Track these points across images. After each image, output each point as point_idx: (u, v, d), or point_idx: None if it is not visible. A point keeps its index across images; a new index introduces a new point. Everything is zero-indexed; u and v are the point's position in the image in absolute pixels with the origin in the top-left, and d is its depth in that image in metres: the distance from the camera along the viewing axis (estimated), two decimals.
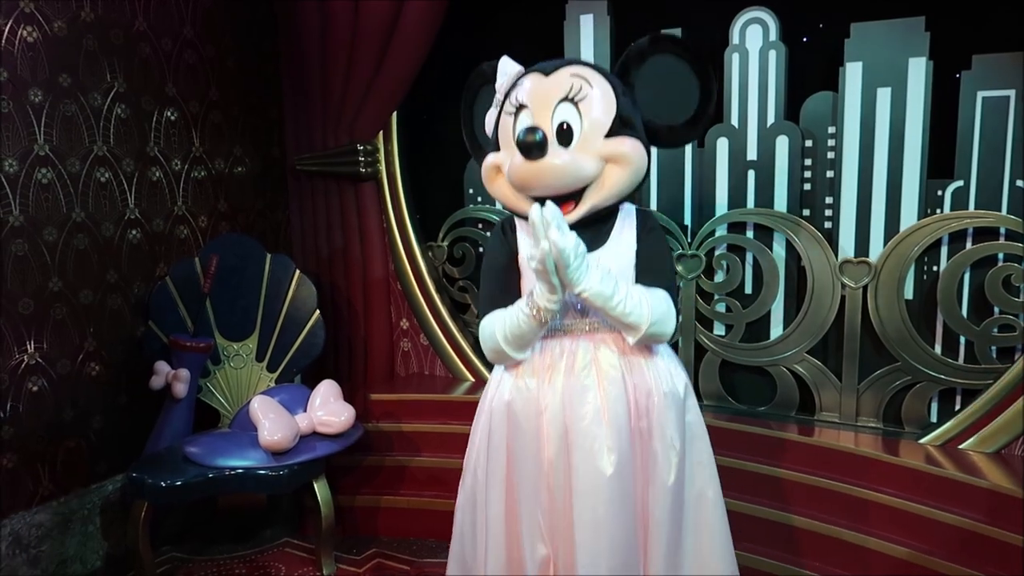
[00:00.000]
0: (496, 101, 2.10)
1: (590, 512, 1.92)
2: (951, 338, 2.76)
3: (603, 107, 1.97)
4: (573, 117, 1.96)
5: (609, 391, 1.95)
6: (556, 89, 1.96)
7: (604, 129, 1.96)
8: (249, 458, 2.75)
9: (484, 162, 2.09)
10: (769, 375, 3.03)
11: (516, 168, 1.95)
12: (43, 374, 2.83)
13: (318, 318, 3.29)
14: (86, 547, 2.97)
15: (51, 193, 2.83)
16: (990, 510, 2.38)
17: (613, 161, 1.96)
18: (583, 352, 1.99)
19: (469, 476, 2.16)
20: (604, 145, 1.95)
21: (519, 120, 2.00)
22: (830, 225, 2.88)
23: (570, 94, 1.95)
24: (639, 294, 1.93)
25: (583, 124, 1.96)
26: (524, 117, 1.99)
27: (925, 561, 2.41)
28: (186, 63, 3.31)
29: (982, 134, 2.63)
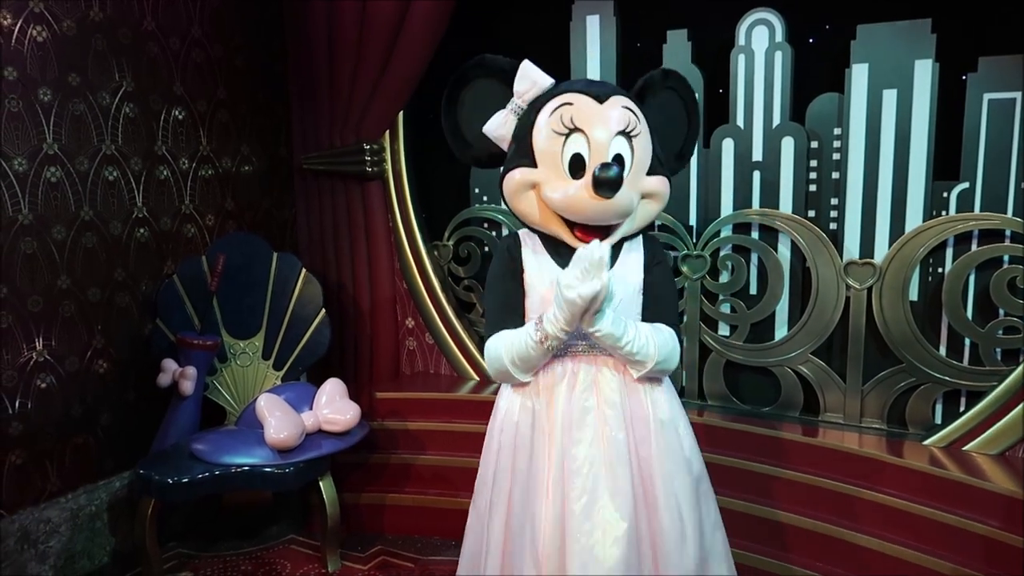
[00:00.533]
0: (515, 106, 2.04)
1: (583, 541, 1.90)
2: (956, 340, 2.76)
3: (647, 145, 2.02)
4: (627, 152, 1.98)
5: (608, 415, 1.96)
6: (614, 121, 1.96)
7: (647, 166, 2.02)
8: (255, 455, 2.76)
9: (513, 176, 2.01)
10: (773, 376, 3.04)
11: (578, 198, 1.90)
12: (51, 371, 2.85)
13: (324, 316, 3.30)
14: (94, 543, 2.99)
15: (60, 191, 2.85)
16: (994, 512, 2.38)
17: (649, 197, 2.03)
18: (584, 374, 1.99)
19: (483, 497, 2.13)
20: (645, 182, 2.02)
21: (571, 141, 1.95)
22: (835, 226, 2.89)
23: (627, 128, 1.96)
24: (646, 334, 1.95)
25: (633, 160, 1.99)
26: (578, 141, 1.95)
27: (929, 563, 2.42)
28: (194, 62, 3.32)
29: (988, 136, 2.63)
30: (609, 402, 1.96)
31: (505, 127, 2.05)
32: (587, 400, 1.97)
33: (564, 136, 1.95)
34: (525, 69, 2.05)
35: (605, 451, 1.93)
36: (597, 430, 1.95)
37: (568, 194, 1.92)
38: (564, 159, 1.96)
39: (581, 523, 1.90)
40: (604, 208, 1.90)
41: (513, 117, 2.04)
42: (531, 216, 2.03)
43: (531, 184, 1.99)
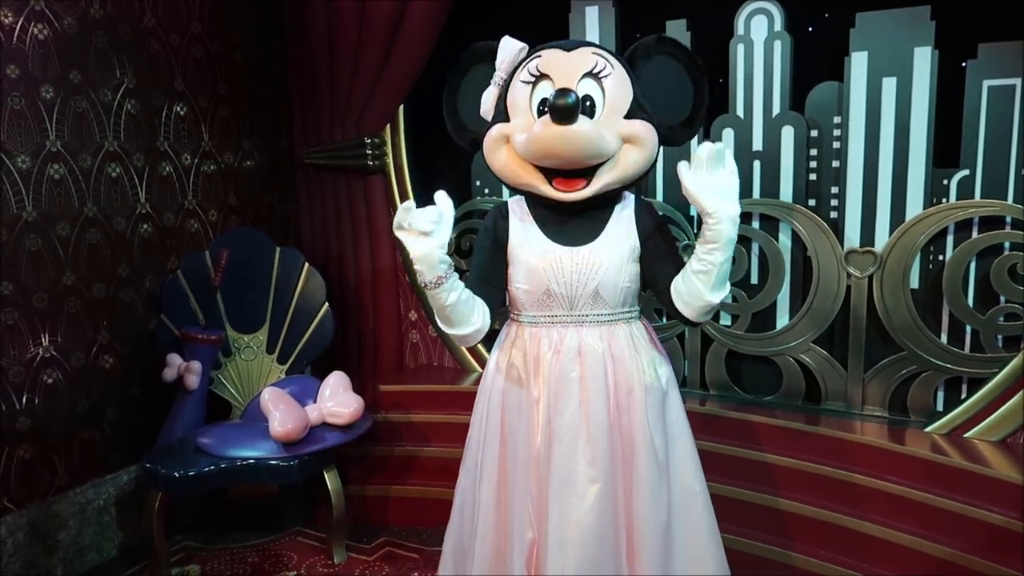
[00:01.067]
0: (496, 79, 2.07)
1: (560, 507, 1.95)
2: (957, 327, 2.76)
3: (623, 88, 1.98)
4: (596, 93, 1.96)
5: (590, 386, 1.98)
6: (580, 64, 1.96)
7: (624, 109, 1.97)
8: (260, 449, 2.79)
9: (488, 133, 2.04)
10: (775, 365, 3.05)
11: (540, 134, 1.87)
12: (58, 367, 2.88)
13: (327, 310, 3.32)
14: (102, 536, 3.02)
15: (63, 188, 2.87)
16: (996, 498, 2.38)
17: (630, 142, 1.97)
18: (569, 342, 2.01)
19: (471, 456, 2.20)
20: (623, 125, 1.96)
21: (539, 89, 1.98)
22: (836, 215, 2.89)
23: (594, 69, 1.95)
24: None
25: (605, 101, 1.97)
26: (545, 86, 1.97)
27: (931, 549, 2.43)
28: (194, 58, 3.34)
29: (988, 123, 2.62)
30: (592, 373, 1.99)
31: (491, 100, 2.08)
32: (572, 371, 1.99)
33: (531, 84, 1.98)
34: (505, 43, 2.06)
35: (586, 421, 1.97)
36: (580, 399, 1.98)
37: (532, 132, 1.90)
38: (533, 106, 1.98)
39: (559, 492, 1.96)
40: (567, 135, 1.84)
41: (495, 89, 2.07)
42: (506, 172, 2.03)
43: (504, 138, 2.00)
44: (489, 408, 2.13)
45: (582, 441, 1.97)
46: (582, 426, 1.97)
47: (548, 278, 2.00)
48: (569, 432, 1.98)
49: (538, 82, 1.98)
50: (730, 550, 2.23)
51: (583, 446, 1.96)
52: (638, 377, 2.01)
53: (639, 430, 1.99)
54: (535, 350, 2.04)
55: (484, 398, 2.17)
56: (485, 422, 2.14)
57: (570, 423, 1.98)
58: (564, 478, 1.97)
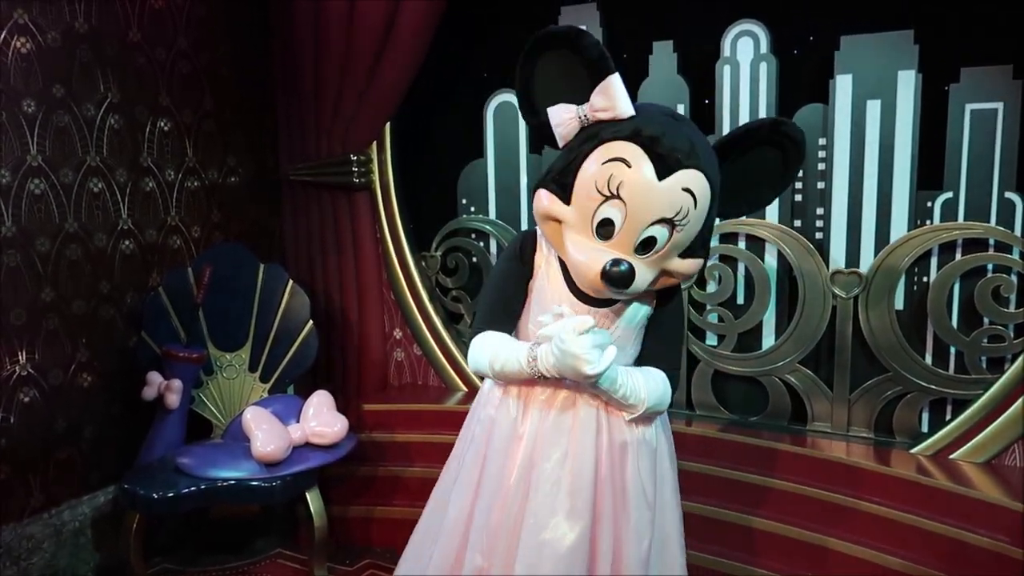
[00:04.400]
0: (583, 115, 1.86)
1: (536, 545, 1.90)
2: (941, 348, 2.77)
3: (694, 229, 1.84)
4: (663, 236, 1.81)
5: (581, 439, 1.93)
6: (665, 205, 1.78)
7: (682, 248, 1.87)
8: (242, 469, 2.74)
9: (541, 200, 1.87)
10: (761, 385, 3.05)
11: (587, 273, 1.81)
12: (35, 385, 2.82)
13: (311, 328, 3.28)
14: (78, 558, 2.95)
15: (44, 204, 2.82)
16: (981, 520, 2.39)
17: (670, 275, 1.91)
18: (565, 395, 1.95)
19: (450, 472, 2.16)
20: (673, 263, 1.88)
21: (606, 207, 1.80)
22: (821, 236, 2.90)
23: (675, 217, 1.79)
24: (637, 380, 1.91)
25: (668, 243, 1.83)
26: (613, 209, 1.79)
27: (916, 571, 2.42)
28: (180, 73, 3.31)
29: (971, 146, 2.66)
30: (584, 426, 1.93)
31: (567, 127, 1.88)
32: (563, 421, 1.94)
33: (604, 198, 1.80)
34: (608, 85, 1.82)
35: (570, 475, 1.91)
36: (567, 451, 1.93)
37: (580, 261, 1.82)
38: (595, 217, 1.82)
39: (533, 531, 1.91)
40: (609, 294, 1.84)
41: (578, 123, 1.87)
42: (550, 239, 1.93)
43: (554, 218, 1.87)
44: (476, 429, 2.10)
45: (563, 493, 1.91)
46: (564, 479, 1.91)
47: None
48: (549, 482, 1.92)
49: (608, 200, 1.79)
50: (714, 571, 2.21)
51: (563, 498, 1.91)
52: (631, 431, 1.96)
53: (631, 484, 1.95)
54: (529, 393, 1.98)
55: (474, 417, 2.15)
56: (469, 441, 2.12)
57: (552, 475, 1.92)
58: (540, 524, 1.90)
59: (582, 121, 1.86)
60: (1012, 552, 2.28)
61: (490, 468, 2.01)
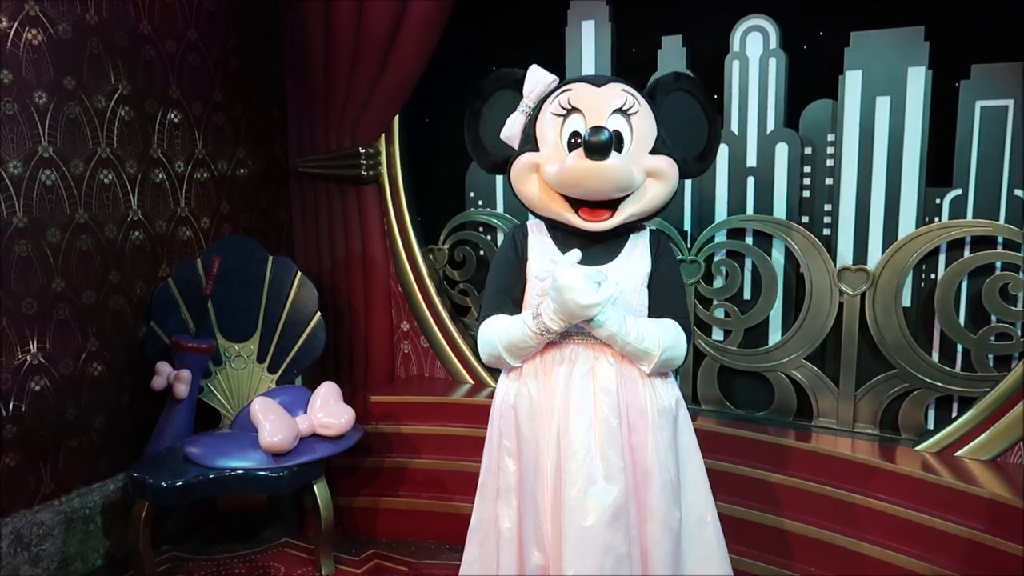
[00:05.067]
0: (523, 107, 2.14)
1: (578, 525, 1.94)
2: (948, 346, 2.77)
3: (649, 125, 2.08)
4: (625, 129, 2.05)
5: (602, 402, 1.99)
6: (610, 99, 2.05)
7: (649, 145, 2.08)
8: (249, 459, 2.76)
9: (518, 161, 2.11)
10: (767, 381, 3.05)
11: (573, 166, 1.96)
12: (46, 374, 2.85)
13: (319, 320, 3.30)
14: (87, 546, 2.99)
15: (55, 194, 2.85)
16: (986, 518, 2.39)
17: (654, 176, 2.07)
18: (581, 361, 2.02)
19: (489, 483, 2.18)
20: (649, 160, 2.06)
21: (569, 122, 2.05)
22: (829, 232, 2.90)
23: (624, 106, 2.04)
24: (648, 328, 2.00)
25: (633, 137, 2.05)
26: (576, 120, 2.05)
27: (921, 568, 2.43)
28: (190, 65, 3.33)
29: (980, 143, 2.64)
30: (604, 389, 2.00)
31: (516, 126, 2.14)
32: (584, 387, 2.00)
33: (563, 117, 2.06)
34: (534, 72, 2.14)
35: (600, 437, 1.97)
36: (593, 416, 1.98)
37: (564, 165, 1.98)
38: (563, 138, 2.05)
39: (575, 511, 1.94)
40: (599, 174, 1.95)
41: (522, 117, 2.14)
42: (535, 200, 2.10)
43: (534, 167, 2.07)
44: (503, 426, 2.12)
45: (596, 459, 1.96)
46: (595, 444, 1.97)
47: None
48: (583, 449, 1.97)
49: (569, 115, 2.06)
50: None
51: (598, 463, 1.96)
52: (651, 398, 2.03)
53: (652, 456, 2.00)
54: (547, 366, 2.05)
55: (497, 419, 2.16)
56: (499, 443, 2.13)
57: (583, 442, 1.97)
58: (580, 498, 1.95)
59: (524, 112, 2.14)
60: (1016, 550, 2.28)
61: (525, 457, 2.06)
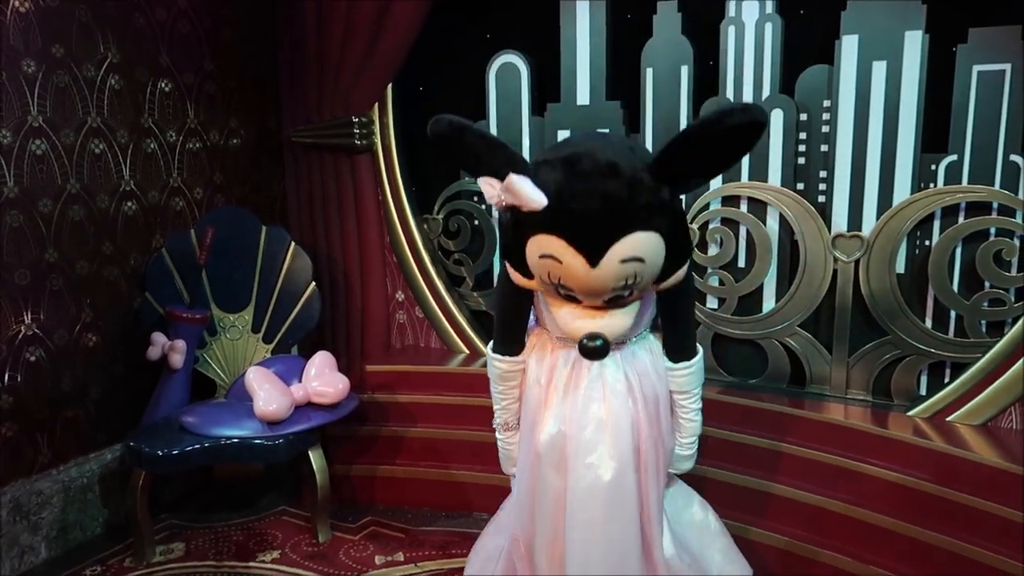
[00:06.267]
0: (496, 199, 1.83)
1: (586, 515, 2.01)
2: (941, 312, 2.77)
3: (654, 272, 1.86)
4: (625, 292, 1.86)
5: (613, 404, 2.03)
6: (608, 283, 1.81)
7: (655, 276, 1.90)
8: (245, 428, 2.78)
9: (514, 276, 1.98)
10: (761, 348, 3.06)
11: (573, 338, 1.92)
12: (41, 344, 2.86)
13: (314, 290, 3.31)
14: (86, 514, 3.02)
15: (45, 164, 2.83)
16: (977, 482, 2.41)
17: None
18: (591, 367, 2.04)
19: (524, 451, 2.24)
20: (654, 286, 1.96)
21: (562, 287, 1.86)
22: (823, 199, 2.89)
23: (626, 283, 1.82)
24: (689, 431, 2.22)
25: (635, 291, 1.88)
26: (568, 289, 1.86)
27: (913, 531, 2.45)
28: (180, 33, 3.29)
29: (977, 108, 2.62)
30: (615, 391, 2.04)
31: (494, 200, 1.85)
32: (593, 391, 2.04)
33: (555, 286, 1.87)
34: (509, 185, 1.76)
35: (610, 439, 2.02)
36: (602, 418, 2.03)
37: (562, 325, 1.93)
38: (559, 293, 1.90)
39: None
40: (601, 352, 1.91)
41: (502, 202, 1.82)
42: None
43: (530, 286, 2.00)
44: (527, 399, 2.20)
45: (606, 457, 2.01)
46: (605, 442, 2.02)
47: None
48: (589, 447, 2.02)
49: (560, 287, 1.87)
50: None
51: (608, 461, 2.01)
52: (662, 387, 2.10)
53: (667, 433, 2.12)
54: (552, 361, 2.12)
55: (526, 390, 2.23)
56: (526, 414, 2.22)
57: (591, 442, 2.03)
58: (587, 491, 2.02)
59: (498, 207, 1.85)
60: (1005, 512, 2.30)
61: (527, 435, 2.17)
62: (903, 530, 2.47)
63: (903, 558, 2.46)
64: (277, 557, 2.88)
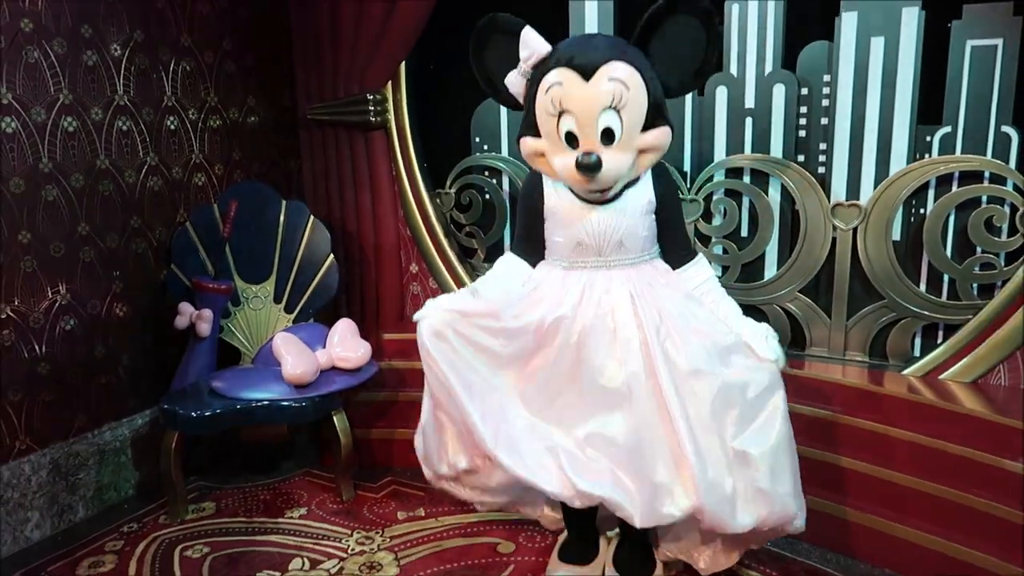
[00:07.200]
0: (522, 70, 2.27)
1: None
2: (935, 276, 2.91)
3: (639, 106, 2.18)
4: (615, 122, 2.17)
5: (618, 317, 2.26)
6: (599, 98, 2.14)
7: (641, 123, 2.20)
8: (273, 391, 2.92)
9: (524, 143, 2.32)
10: (763, 313, 3.19)
11: (571, 175, 2.21)
12: (75, 314, 2.98)
13: (332, 262, 3.43)
14: (119, 476, 3.16)
15: (77, 141, 2.94)
16: (968, 434, 2.54)
17: (645, 151, 2.25)
18: (601, 282, 2.31)
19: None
20: (640, 139, 2.22)
21: (563, 122, 2.20)
22: (823, 170, 3.01)
23: (612, 103, 2.15)
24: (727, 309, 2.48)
25: (623, 125, 2.18)
26: (568, 121, 2.19)
27: (907, 481, 2.59)
28: (200, 14, 3.39)
29: (970, 82, 2.74)
30: (622, 307, 2.27)
31: (518, 86, 2.32)
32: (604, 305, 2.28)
33: (556, 117, 2.20)
34: (525, 37, 2.24)
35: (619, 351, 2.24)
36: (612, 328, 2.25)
37: (565, 168, 2.22)
38: (560, 135, 2.22)
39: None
40: (594, 180, 2.19)
41: (522, 79, 2.29)
42: (543, 170, 2.36)
43: (538, 152, 2.30)
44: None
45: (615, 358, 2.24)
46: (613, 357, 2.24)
47: (579, 232, 2.31)
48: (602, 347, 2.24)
49: (562, 116, 2.19)
50: None
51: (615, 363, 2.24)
52: (668, 300, 2.31)
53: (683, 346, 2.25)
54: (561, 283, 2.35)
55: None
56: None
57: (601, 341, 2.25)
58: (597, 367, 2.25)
59: (524, 75, 2.28)
60: (991, 460, 2.45)
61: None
62: (899, 480, 2.61)
63: (895, 506, 2.61)
64: (304, 513, 3.03)
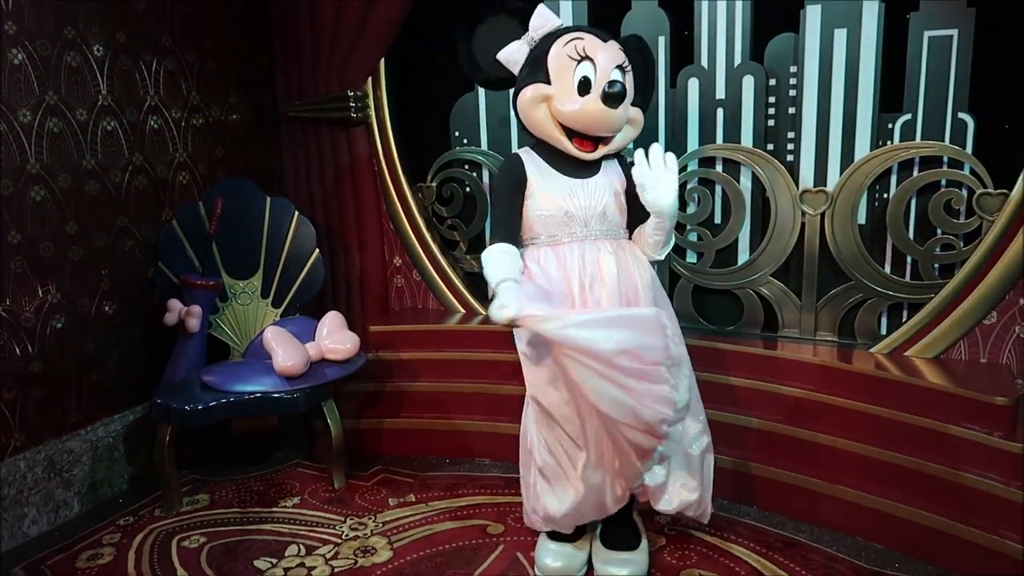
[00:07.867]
0: (529, 38, 2.49)
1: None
2: (899, 258, 3.04)
3: (633, 80, 2.51)
4: (628, 83, 2.46)
5: (608, 284, 2.45)
6: (614, 57, 2.43)
7: (632, 97, 2.51)
8: (265, 383, 2.98)
9: (530, 89, 2.45)
10: (737, 297, 3.31)
11: (588, 110, 2.39)
12: (65, 312, 3.03)
13: (318, 256, 3.50)
14: (113, 471, 3.21)
15: (63, 141, 2.98)
16: (932, 407, 2.67)
17: (630, 122, 2.56)
18: (590, 252, 2.47)
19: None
20: (630, 110, 2.52)
21: (581, 67, 2.40)
22: (792, 158, 3.13)
23: (623, 63, 2.46)
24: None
25: (628, 80, 2.47)
26: (586, 67, 2.41)
27: (876, 453, 2.71)
28: (180, 14, 3.43)
29: (928, 71, 2.87)
30: (608, 273, 2.45)
31: (519, 54, 2.51)
32: (594, 270, 2.46)
33: (576, 62, 2.41)
34: (541, 9, 2.52)
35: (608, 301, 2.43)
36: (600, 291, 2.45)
37: (581, 106, 2.40)
38: (574, 80, 2.41)
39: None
40: (608, 118, 2.41)
41: (526, 47, 2.50)
42: (538, 125, 2.49)
43: (544, 98, 2.44)
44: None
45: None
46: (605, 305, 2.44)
47: (567, 203, 2.48)
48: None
49: (581, 61, 2.41)
50: None
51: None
52: (640, 277, 2.50)
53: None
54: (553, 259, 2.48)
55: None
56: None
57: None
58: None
59: (530, 44, 2.50)
60: (954, 431, 2.59)
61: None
62: (868, 452, 2.74)
63: (866, 477, 2.73)
64: (298, 502, 3.10)
